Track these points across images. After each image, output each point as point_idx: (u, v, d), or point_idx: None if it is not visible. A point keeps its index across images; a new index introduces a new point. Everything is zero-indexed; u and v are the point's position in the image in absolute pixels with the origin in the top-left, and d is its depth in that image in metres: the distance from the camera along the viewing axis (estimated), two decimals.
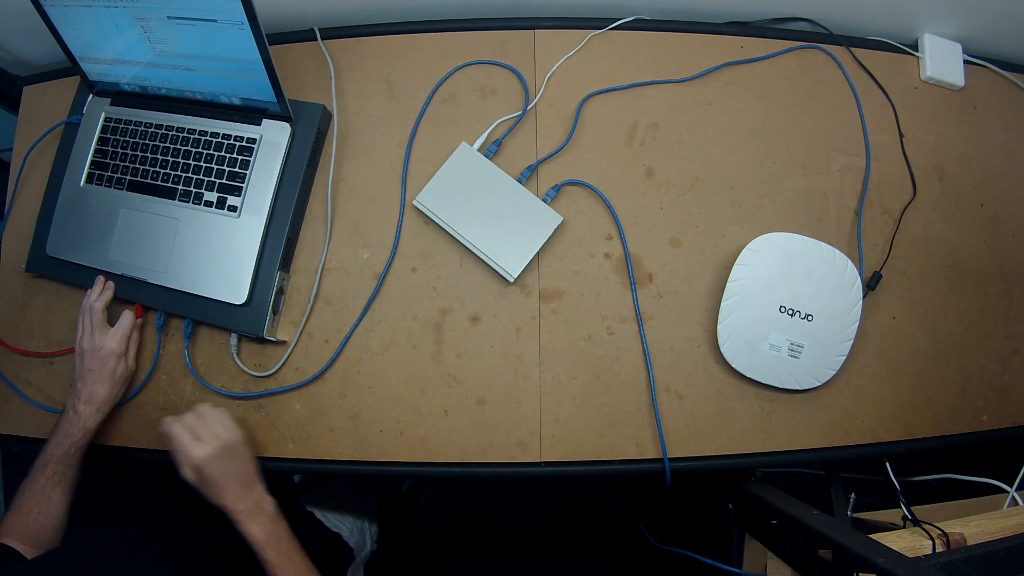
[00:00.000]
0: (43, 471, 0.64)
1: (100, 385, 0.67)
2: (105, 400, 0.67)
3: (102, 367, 0.67)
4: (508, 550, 1.39)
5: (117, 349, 0.68)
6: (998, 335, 0.75)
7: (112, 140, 0.73)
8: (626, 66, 0.75)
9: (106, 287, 0.71)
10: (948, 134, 0.78)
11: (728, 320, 0.67)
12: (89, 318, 0.69)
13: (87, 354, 0.68)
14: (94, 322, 0.68)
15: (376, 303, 0.70)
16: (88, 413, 0.66)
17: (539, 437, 0.68)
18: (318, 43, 0.75)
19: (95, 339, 0.68)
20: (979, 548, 0.53)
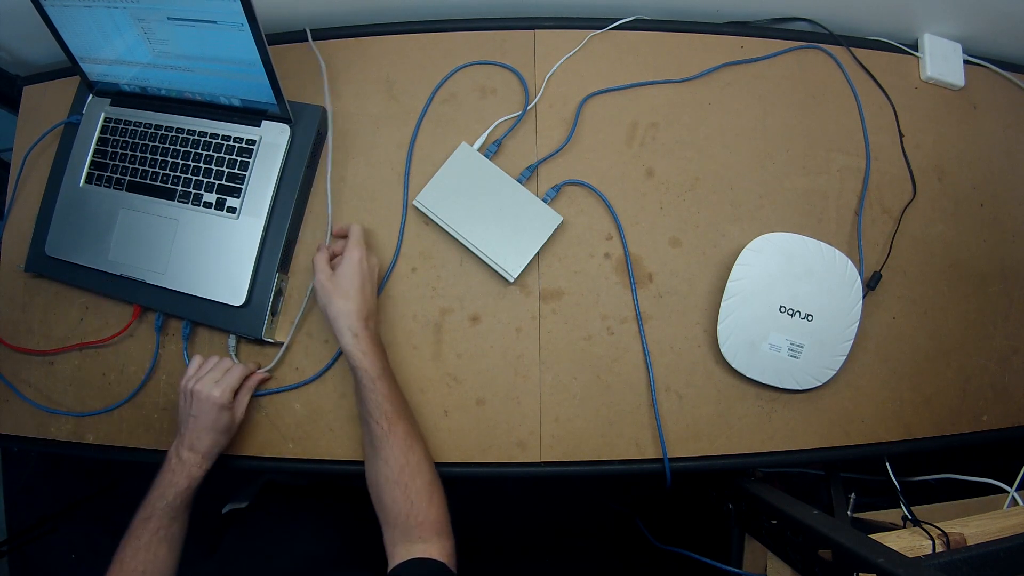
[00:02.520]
0: (146, 525, 0.60)
1: (205, 433, 0.63)
2: (210, 448, 0.64)
3: (205, 414, 0.63)
4: (508, 550, 1.39)
5: (220, 400, 0.63)
6: (998, 335, 0.75)
7: (112, 140, 0.73)
8: (626, 66, 0.75)
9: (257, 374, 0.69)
10: (948, 134, 0.78)
11: (728, 320, 0.67)
12: (207, 363, 0.66)
13: (189, 398, 0.64)
14: (212, 370, 0.65)
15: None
16: (194, 460, 0.63)
17: (539, 437, 0.68)
18: (310, 45, 0.75)
19: (202, 383, 0.64)
20: (979, 548, 0.53)
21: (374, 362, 0.61)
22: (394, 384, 0.62)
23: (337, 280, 0.63)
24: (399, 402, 0.61)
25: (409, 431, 0.60)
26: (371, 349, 0.61)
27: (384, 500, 0.58)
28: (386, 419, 0.59)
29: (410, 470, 0.58)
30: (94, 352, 0.74)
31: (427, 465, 0.60)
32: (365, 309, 0.62)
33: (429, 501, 0.58)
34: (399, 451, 0.59)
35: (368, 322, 0.62)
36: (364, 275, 0.64)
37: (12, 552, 1.31)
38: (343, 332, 0.61)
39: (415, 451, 0.59)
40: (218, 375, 0.65)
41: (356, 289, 0.62)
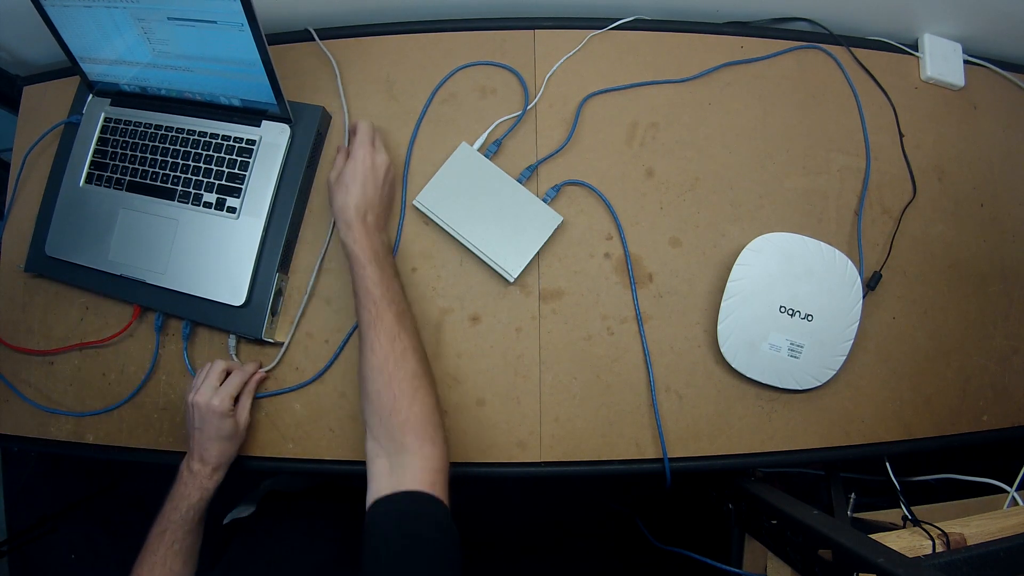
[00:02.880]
0: (161, 539, 0.61)
1: (210, 443, 0.64)
2: (218, 458, 0.64)
3: (207, 424, 0.64)
4: (508, 550, 1.39)
5: (219, 408, 0.63)
6: (998, 335, 0.75)
7: (112, 140, 0.73)
8: (626, 66, 0.75)
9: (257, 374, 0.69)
10: (948, 134, 0.78)
11: (728, 320, 0.67)
12: (205, 372, 0.66)
13: (191, 409, 0.65)
14: (208, 378, 0.65)
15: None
16: (204, 472, 0.63)
17: (539, 437, 0.68)
18: (318, 43, 0.75)
19: (199, 394, 0.64)
20: (979, 548, 0.53)
21: (364, 248, 0.61)
22: (388, 273, 0.61)
23: (340, 178, 0.64)
24: (391, 290, 0.60)
25: (398, 319, 0.59)
26: (363, 238, 0.61)
27: (369, 390, 0.57)
28: (374, 304, 0.58)
29: (395, 358, 0.57)
30: (94, 352, 0.74)
31: (414, 356, 0.58)
32: (363, 203, 0.63)
33: (412, 396, 0.56)
34: (385, 338, 0.57)
35: (366, 215, 0.63)
36: (366, 171, 0.64)
37: (12, 552, 1.31)
38: (339, 225, 0.63)
39: (402, 339, 0.58)
40: (215, 381, 0.65)
41: (356, 184, 0.63)
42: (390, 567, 0.47)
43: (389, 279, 0.61)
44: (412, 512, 0.51)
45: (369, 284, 0.59)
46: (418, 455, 0.53)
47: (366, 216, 0.63)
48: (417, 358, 0.58)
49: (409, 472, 0.53)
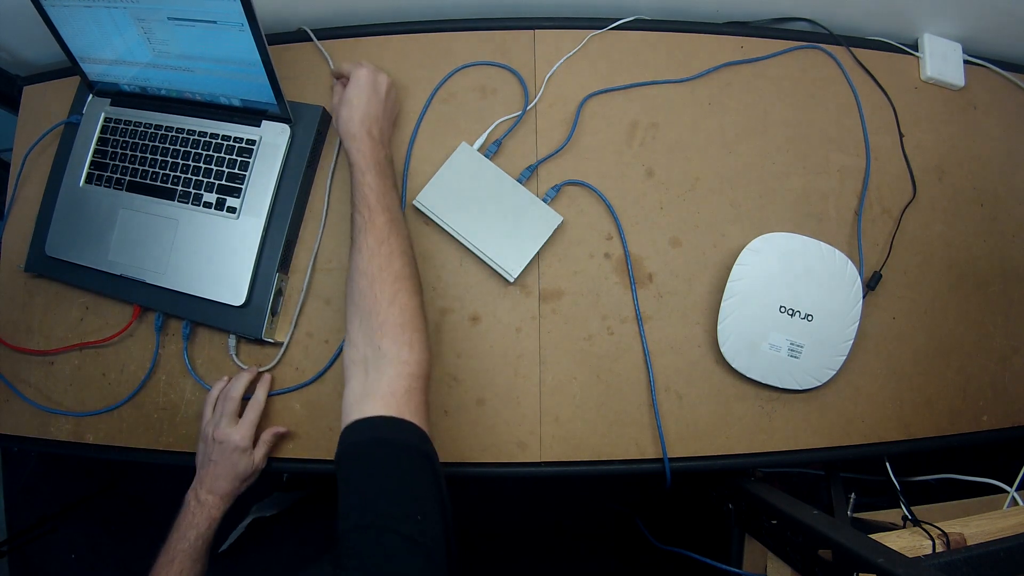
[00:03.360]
0: (169, 568, 0.60)
1: (223, 479, 0.64)
2: (228, 492, 0.64)
3: (224, 460, 0.64)
4: (508, 550, 1.39)
5: (241, 444, 0.64)
6: (998, 335, 0.75)
7: (112, 140, 0.73)
8: (626, 66, 0.75)
9: (263, 380, 0.68)
10: (948, 134, 0.78)
11: (728, 320, 0.67)
12: (222, 406, 0.66)
13: (209, 443, 0.65)
14: (225, 411, 0.65)
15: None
16: (212, 502, 0.63)
17: (539, 437, 0.68)
18: (315, 43, 0.75)
19: (220, 429, 0.64)
20: (979, 548, 0.53)
21: (367, 156, 0.61)
22: (388, 183, 0.62)
23: (344, 97, 0.65)
24: (387, 197, 0.60)
25: (389, 224, 0.59)
26: (367, 148, 0.62)
27: (352, 292, 0.56)
28: (368, 209, 0.59)
29: (380, 260, 0.56)
30: (94, 352, 0.74)
31: (401, 259, 0.58)
32: (368, 117, 0.64)
33: (393, 298, 0.55)
34: (374, 241, 0.57)
35: (371, 128, 0.64)
36: (369, 88, 0.65)
37: (12, 552, 1.31)
38: (344, 140, 0.64)
39: (389, 243, 0.58)
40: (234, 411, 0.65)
41: (361, 100, 0.64)
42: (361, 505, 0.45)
43: (387, 188, 0.61)
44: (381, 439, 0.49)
45: (366, 190, 0.60)
46: (395, 360, 0.52)
47: (371, 129, 0.63)
48: (404, 261, 0.58)
49: (384, 377, 0.51)
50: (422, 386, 0.53)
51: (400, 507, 0.44)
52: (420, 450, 0.48)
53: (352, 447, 0.48)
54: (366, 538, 0.43)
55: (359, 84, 0.65)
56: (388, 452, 0.47)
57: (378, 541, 0.42)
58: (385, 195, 0.60)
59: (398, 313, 0.54)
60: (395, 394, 0.50)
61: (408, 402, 0.50)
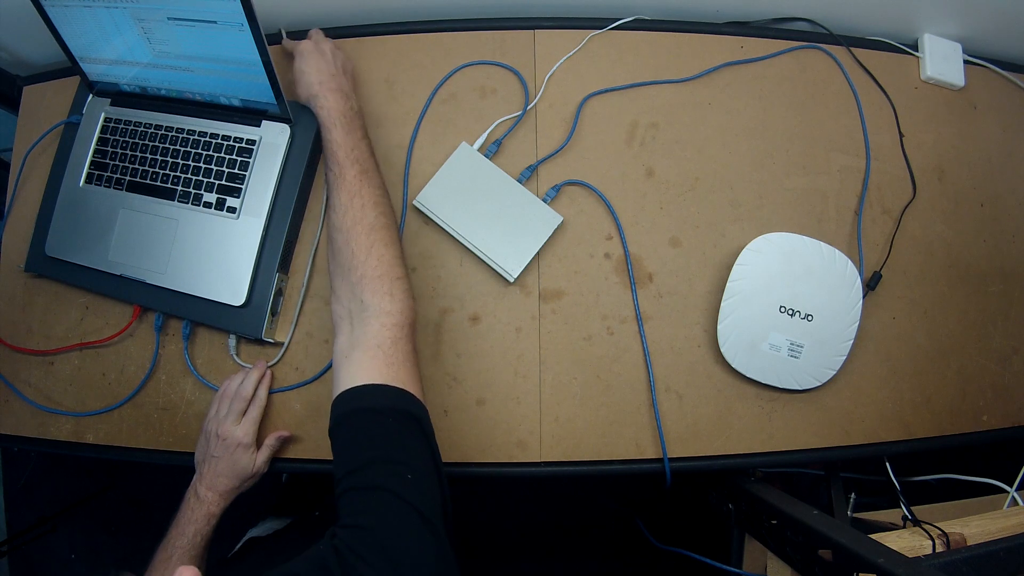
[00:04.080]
0: (168, 564, 0.60)
1: (223, 475, 0.64)
2: (228, 490, 0.64)
3: (226, 456, 0.64)
4: (508, 550, 1.39)
5: (244, 440, 0.64)
6: (998, 335, 0.75)
7: (112, 140, 0.73)
8: (626, 66, 0.75)
9: (264, 378, 0.68)
10: (948, 134, 0.78)
11: (728, 320, 0.67)
12: (228, 403, 0.66)
13: (212, 439, 0.64)
14: (233, 408, 0.65)
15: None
16: (212, 498, 0.63)
17: (539, 437, 0.68)
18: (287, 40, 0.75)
19: (225, 426, 0.64)
20: (979, 548, 0.53)
21: (330, 111, 0.62)
22: (355, 135, 0.62)
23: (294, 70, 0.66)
24: (357, 149, 0.61)
25: (360, 176, 0.59)
26: (328, 103, 0.62)
27: (332, 250, 0.58)
28: (337, 164, 0.60)
29: (352, 214, 0.57)
30: (94, 352, 0.74)
31: (374, 210, 0.58)
32: (321, 74, 0.64)
33: (368, 250, 0.55)
34: (346, 195, 0.58)
35: (326, 82, 0.64)
36: (314, 54, 0.66)
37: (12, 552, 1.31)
38: (309, 104, 0.65)
39: (362, 195, 0.58)
40: (240, 409, 0.65)
41: (310, 66, 0.65)
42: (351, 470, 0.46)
43: (355, 140, 0.61)
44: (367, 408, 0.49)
45: (334, 146, 0.60)
46: (377, 311, 0.53)
47: (326, 82, 0.64)
48: (378, 211, 0.58)
49: (370, 329, 0.53)
50: (408, 334, 0.54)
51: (389, 467, 0.45)
52: (406, 412, 0.49)
53: (341, 418, 0.50)
54: (359, 498, 0.44)
55: (303, 55, 0.66)
56: (374, 418, 0.48)
57: (371, 499, 0.43)
58: (354, 148, 0.61)
59: (375, 264, 0.55)
60: (381, 345, 0.52)
61: (395, 352, 0.52)
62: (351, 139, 0.61)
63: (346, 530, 0.42)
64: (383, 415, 0.48)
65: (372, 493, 0.44)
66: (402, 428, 0.48)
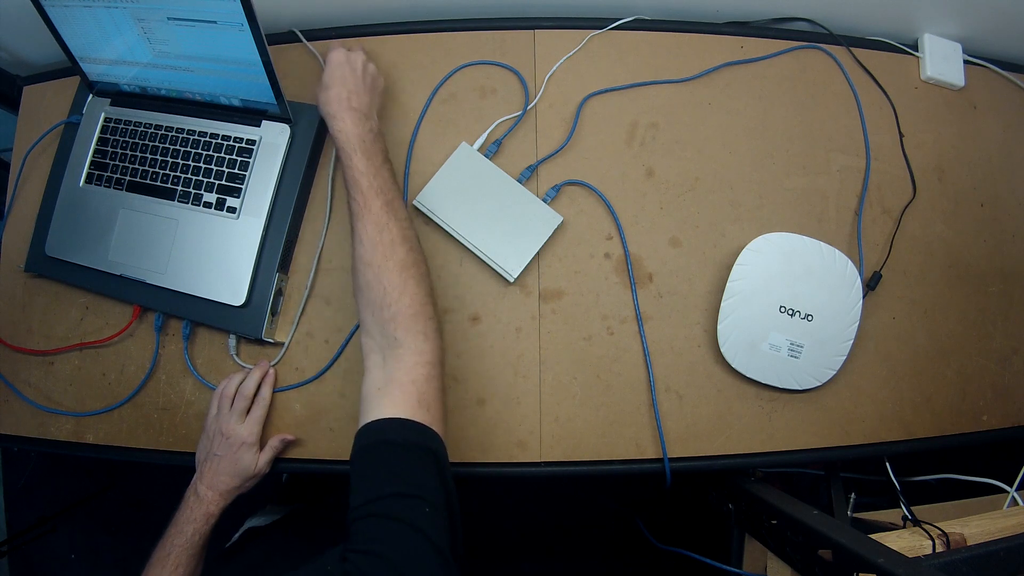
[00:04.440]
0: (165, 563, 0.60)
1: (224, 474, 0.64)
2: (228, 489, 0.64)
3: (229, 455, 0.64)
4: (508, 550, 1.39)
5: (248, 439, 0.64)
6: (998, 335, 0.75)
7: (112, 140, 0.73)
8: (626, 66, 0.75)
9: (268, 377, 0.68)
10: (948, 134, 0.78)
11: (728, 320, 0.67)
12: (229, 402, 0.66)
13: (215, 437, 0.65)
14: (236, 407, 0.65)
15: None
16: (211, 497, 0.63)
17: (539, 437, 0.68)
18: (305, 44, 0.75)
19: (229, 424, 0.64)
20: (979, 548, 0.53)
21: (351, 137, 0.60)
22: (376, 161, 0.60)
23: (320, 82, 0.64)
24: (379, 178, 0.59)
25: (386, 209, 0.58)
26: (349, 126, 0.60)
27: (360, 284, 0.56)
28: (361, 195, 0.58)
29: (383, 250, 0.56)
30: (94, 352, 0.74)
31: (404, 246, 0.57)
32: (344, 93, 0.63)
33: (403, 289, 0.55)
34: (373, 229, 0.57)
35: (350, 101, 0.62)
36: (342, 66, 0.64)
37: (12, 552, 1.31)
38: (327, 122, 0.62)
39: (390, 230, 0.57)
40: (243, 407, 0.65)
41: (335, 80, 0.63)
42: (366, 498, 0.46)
43: (376, 167, 0.60)
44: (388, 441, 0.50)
45: (356, 174, 0.59)
46: (411, 349, 0.53)
47: (350, 102, 0.62)
48: (407, 248, 0.57)
49: (404, 366, 0.53)
50: (439, 372, 0.54)
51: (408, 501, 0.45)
52: (425, 447, 0.49)
53: (362, 450, 0.50)
54: (375, 525, 0.44)
55: (332, 65, 0.65)
56: (397, 452, 0.49)
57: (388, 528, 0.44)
58: (376, 176, 0.59)
59: (408, 304, 0.55)
60: (415, 382, 0.52)
61: (429, 389, 0.52)
62: (372, 166, 0.59)
63: (359, 555, 0.42)
64: (406, 450, 0.49)
65: (389, 523, 0.44)
66: (422, 464, 0.48)
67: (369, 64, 0.67)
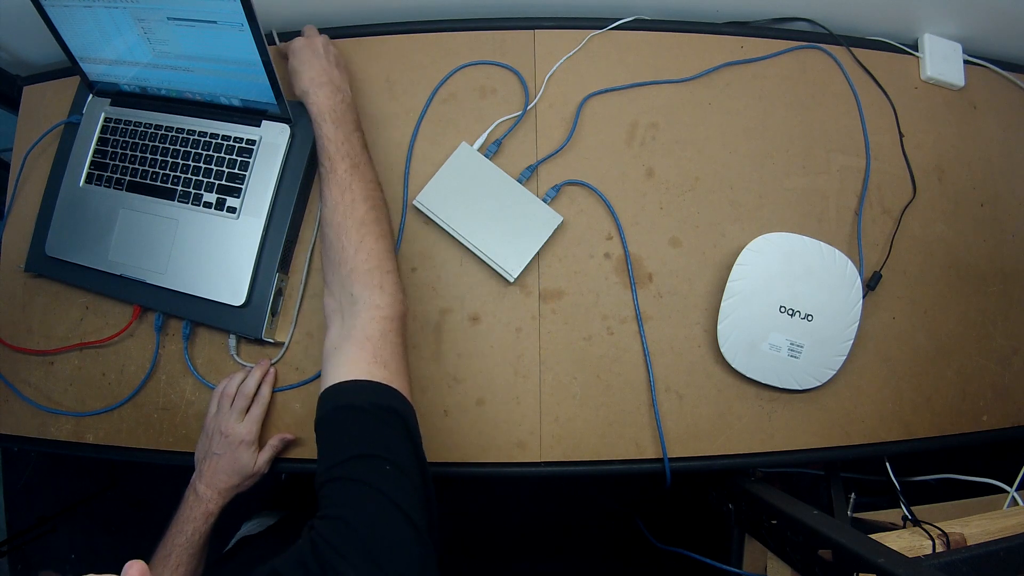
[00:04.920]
0: (166, 563, 0.60)
1: (223, 473, 0.64)
2: (227, 488, 0.64)
3: (228, 454, 0.64)
4: (508, 550, 1.39)
5: (247, 438, 0.64)
6: (998, 335, 0.75)
7: (112, 140, 0.73)
8: (626, 66, 0.75)
9: (268, 376, 0.68)
10: (948, 134, 0.78)
11: (728, 320, 0.67)
12: (230, 400, 0.66)
13: (214, 436, 0.65)
14: (236, 405, 0.65)
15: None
16: (210, 496, 0.63)
17: (539, 437, 0.68)
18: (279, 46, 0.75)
19: (228, 423, 0.64)
20: (979, 548, 0.53)
21: (320, 107, 0.62)
22: (346, 128, 0.62)
23: (289, 68, 0.67)
24: (348, 143, 0.61)
25: (351, 171, 0.60)
26: (320, 97, 0.63)
27: (324, 245, 0.59)
28: (328, 159, 0.60)
29: (343, 208, 0.58)
30: (94, 352, 0.74)
31: (364, 204, 0.59)
32: (312, 72, 0.65)
33: (359, 244, 0.56)
34: (336, 190, 0.59)
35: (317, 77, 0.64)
36: (307, 51, 0.66)
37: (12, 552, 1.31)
38: (301, 98, 0.65)
39: (352, 190, 0.59)
40: (243, 403, 0.65)
41: (303, 63, 0.65)
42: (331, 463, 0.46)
43: (345, 134, 0.62)
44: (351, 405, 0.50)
45: (324, 141, 0.61)
46: (367, 304, 0.54)
47: (317, 78, 0.64)
48: (368, 206, 0.59)
49: (359, 322, 0.53)
50: (398, 327, 0.55)
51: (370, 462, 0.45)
52: (390, 408, 0.49)
53: (323, 418, 0.50)
54: (338, 489, 0.44)
55: (296, 53, 0.67)
56: (358, 416, 0.49)
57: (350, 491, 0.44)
58: (344, 142, 0.61)
59: (365, 259, 0.56)
60: (370, 338, 0.52)
61: (384, 345, 0.52)
62: (341, 133, 0.62)
63: (323, 521, 0.42)
64: (367, 412, 0.49)
65: (351, 485, 0.44)
66: (385, 425, 0.48)
67: (330, 44, 0.69)
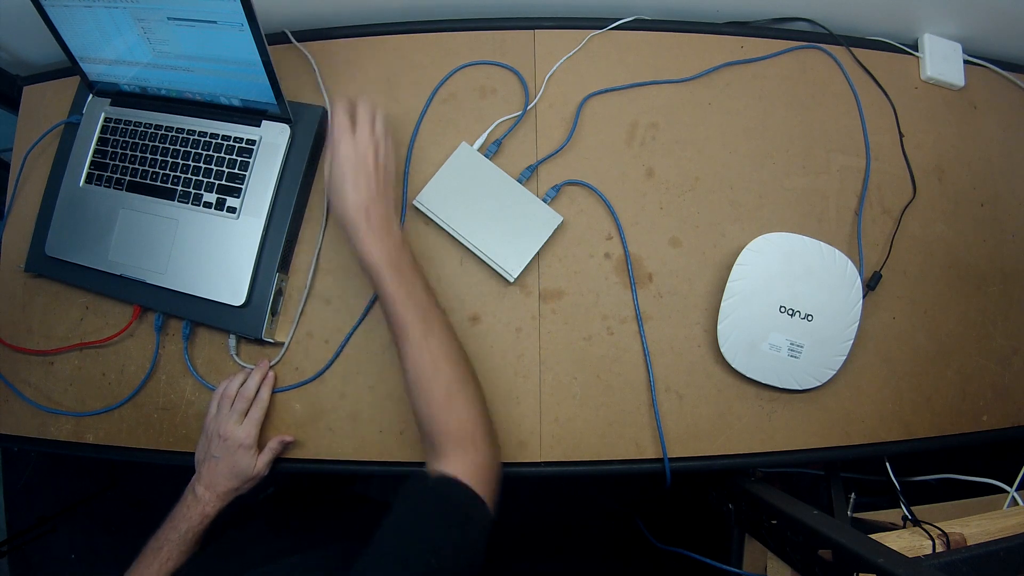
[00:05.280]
0: (157, 555, 0.61)
1: (222, 475, 0.64)
2: (226, 491, 0.64)
3: (227, 456, 0.64)
4: (508, 550, 1.39)
5: (246, 441, 0.64)
6: (998, 335, 0.75)
7: (112, 140, 0.73)
8: (626, 66, 0.75)
9: (267, 379, 0.68)
10: (948, 134, 0.78)
11: (728, 320, 0.67)
12: (230, 402, 0.66)
13: (213, 439, 0.65)
14: (236, 408, 0.65)
15: (376, 303, 0.70)
16: (208, 498, 0.63)
17: (539, 437, 0.68)
18: (296, 45, 0.75)
19: (227, 426, 0.64)
20: (979, 548, 0.53)
21: (372, 254, 0.56)
22: (405, 275, 0.56)
23: (330, 181, 0.58)
24: (412, 296, 0.56)
25: (424, 325, 0.55)
26: (372, 243, 0.56)
27: (411, 401, 0.56)
28: (396, 319, 0.56)
29: (427, 373, 0.55)
30: (94, 352, 0.74)
31: (447, 363, 0.56)
32: (359, 202, 0.57)
33: (449, 409, 0.54)
34: (414, 351, 0.55)
35: (368, 215, 0.57)
36: (352, 165, 0.57)
37: (12, 552, 1.31)
38: (345, 233, 0.58)
39: (431, 348, 0.55)
40: (243, 405, 0.66)
41: (347, 183, 0.57)
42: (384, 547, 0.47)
43: (409, 285, 0.57)
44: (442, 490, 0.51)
45: (387, 297, 0.56)
46: (460, 460, 0.53)
47: (368, 215, 0.57)
48: (451, 364, 0.56)
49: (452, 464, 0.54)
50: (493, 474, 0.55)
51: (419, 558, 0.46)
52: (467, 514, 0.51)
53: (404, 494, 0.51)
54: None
55: (340, 164, 0.58)
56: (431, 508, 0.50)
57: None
58: (410, 296, 0.56)
59: (456, 422, 0.55)
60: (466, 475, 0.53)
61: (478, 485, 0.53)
62: (404, 285, 0.56)
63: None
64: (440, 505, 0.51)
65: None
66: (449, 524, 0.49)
67: (380, 147, 0.60)
